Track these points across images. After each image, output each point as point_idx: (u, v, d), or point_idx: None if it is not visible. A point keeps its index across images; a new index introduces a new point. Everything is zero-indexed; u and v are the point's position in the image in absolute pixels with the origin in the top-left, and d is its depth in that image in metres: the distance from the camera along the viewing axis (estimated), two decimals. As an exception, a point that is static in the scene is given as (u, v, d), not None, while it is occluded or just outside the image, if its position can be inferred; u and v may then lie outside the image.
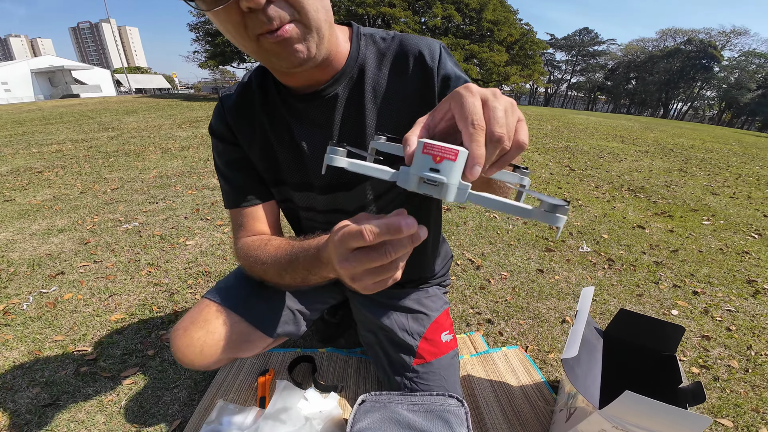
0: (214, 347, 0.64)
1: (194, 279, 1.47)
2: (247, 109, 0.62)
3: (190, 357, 0.62)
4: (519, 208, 0.30)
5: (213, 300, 0.69)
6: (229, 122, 0.63)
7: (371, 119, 0.58)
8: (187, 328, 0.64)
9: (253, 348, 0.70)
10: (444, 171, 0.29)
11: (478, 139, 0.29)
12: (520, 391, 0.96)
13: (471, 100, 0.30)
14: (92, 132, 5.60)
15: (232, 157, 0.65)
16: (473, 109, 0.29)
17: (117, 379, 0.98)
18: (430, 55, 0.56)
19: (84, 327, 1.19)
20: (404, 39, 0.58)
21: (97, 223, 2.02)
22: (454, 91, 0.32)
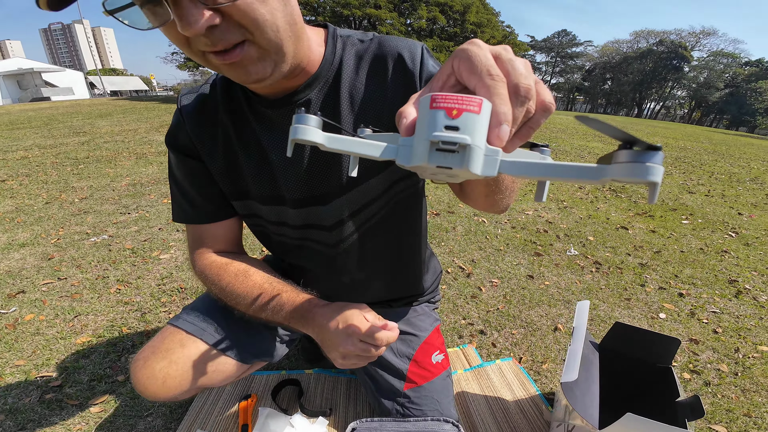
0: (178, 378, 0.58)
1: (168, 296, 1.37)
2: (210, 114, 0.55)
3: (152, 389, 0.57)
4: (582, 169, 0.21)
5: (177, 326, 0.63)
6: (188, 129, 0.56)
7: (348, 126, 0.53)
8: (147, 359, 0.59)
9: (224, 377, 0.65)
10: (465, 128, 0.21)
11: (499, 91, 0.23)
12: (515, 406, 0.92)
13: (481, 52, 0.24)
14: (62, 137, 5.30)
15: (189, 170, 0.59)
16: (487, 61, 0.24)
17: (85, 407, 0.91)
18: (411, 58, 0.51)
19: (47, 351, 1.10)
20: (383, 40, 0.53)
21: (63, 236, 1.88)
22: (456, 49, 0.26)
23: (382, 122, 0.53)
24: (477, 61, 0.24)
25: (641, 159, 0.19)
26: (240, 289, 0.59)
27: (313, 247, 0.64)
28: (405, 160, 0.23)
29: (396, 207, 0.61)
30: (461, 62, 0.25)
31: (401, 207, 0.62)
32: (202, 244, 0.64)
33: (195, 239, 0.64)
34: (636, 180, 0.19)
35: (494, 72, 0.23)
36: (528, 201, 2.76)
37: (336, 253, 0.63)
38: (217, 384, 0.65)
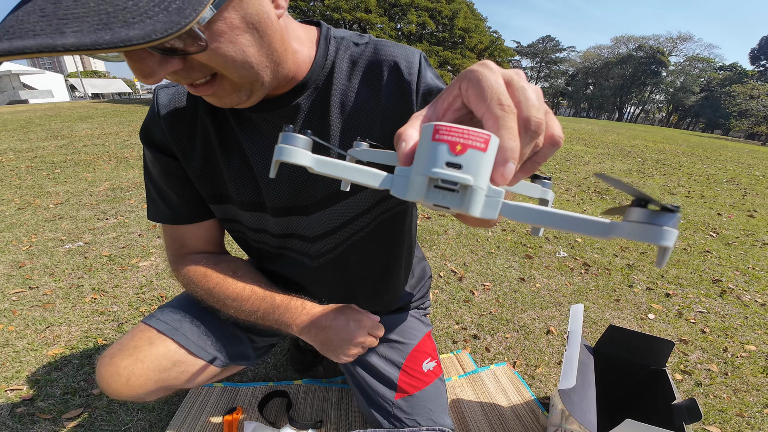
0: (143, 377, 0.56)
1: (147, 305, 1.30)
2: (189, 111, 0.51)
3: (115, 387, 0.55)
4: (591, 224, 0.19)
5: (149, 324, 0.61)
6: (162, 125, 0.51)
7: (337, 134, 0.50)
8: (113, 356, 0.57)
9: (193, 379, 0.62)
10: (469, 166, 0.19)
11: (509, 124, 0.21)
12: (511, 412, 0.91)
13: (492, 77, 0.22)
14: (38, 140, 5.09)
15: (165, 169, 0.54)
16: (498, 88, 0.22)
17: (58, 422, 0.86)
18: (408, 67, 0.48)
19: (17, 363, 1.03)
20: (380, 46, 0.50)
21: (35, 243, 1.78)
22: (465, 70, 0.23)
23: (373, 132, 0.50)
24: (487, 86, 0.22)
25: (656, 221, 0.17)
26: (230, 291, 0.57)
27: (293, 256, 0.61)
28: (400, 192, 0.21)
29: (383, 223, 0.59)
30: (470, 85, 0.23)
31: (388, 223, 0.60)
32: (183, 244, 0.61)
33: (174, 239, 0.61)
34: (648, 241, 0.18)
35: (505, 102, 0.21)
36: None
37: (317, 264, 0.61)
38: (185, 386, 0.62)
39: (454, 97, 0.24)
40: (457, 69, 15.82)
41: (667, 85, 45.68)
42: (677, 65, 45.51)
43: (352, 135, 0.50)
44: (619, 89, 46.52)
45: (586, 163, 4.87)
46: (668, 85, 45.69)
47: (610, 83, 47.06)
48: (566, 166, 4.53)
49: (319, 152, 0.27)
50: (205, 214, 0.59)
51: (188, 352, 0.60)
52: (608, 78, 47.04)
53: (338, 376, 0.99)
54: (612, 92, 47.22)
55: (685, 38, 45.63)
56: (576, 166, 4.58)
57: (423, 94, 0.49)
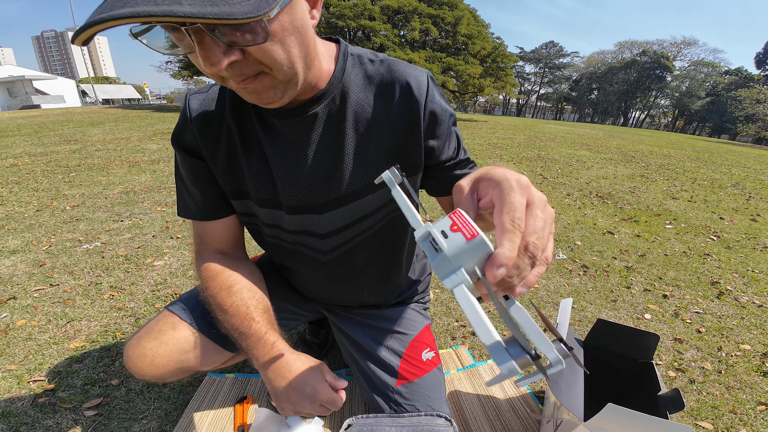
0: (166, 358, 0.62)
1: (162, 302, 1.37)
2: (216, 116, 0.57)
3: (140, 366, 0.61)
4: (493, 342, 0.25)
5: (172, 311, 0.67)
6: (193, 129, 0.57)
7: (350, 143, 0.56)
8: (140, 338, 0.63)
9: (209, 361, 0.68)
10: (451, 242, 0.26)
11: (513, 239, 0.25)
12: (507, 404, 0.95)
13: (517, 196, 0.27)
14: (52, 145, 5.25)
15: (193, 170, 0.60)
16: (517, 206, 0.27)
17: (79, 411, 0.91)
18: (417, 87, 0.54)
19: (39, 355, 1.09)
20: (393, 65, 0.55)
21: (54, 243, 1.87)
22: (502, 177, 0.29)
23: (383, 142, 0.56)
24: (508, 203, 0.27)
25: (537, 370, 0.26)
26: (222, 303, 0.61)
27: (305, 252, 0.66)
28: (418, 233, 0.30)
29: (388, 223, 0.65)
30: (497, 195, 0.28)
31: (395, 222, 0.66)
32: (202, 240, 0.67)
33: (198, 235, 0.67)
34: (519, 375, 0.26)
35: (517, 221, 0.26)
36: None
37: (327, 259, 0.66)
38: (201, 368, 0.67)
39: (484, 191, 0.31)
40: (459, 75, 15.95)
41: (673, 90, 45.53)
42: (682, 70, 45.43)
43: (364, 144, 0.56)
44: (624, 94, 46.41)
45: (588, 168, 4.89)
46: (673, 90, 45.54)
47: (615, 88, 46.99)
48: (569, 171, 4.56)
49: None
50: (224, 212, 0.64)
51: (206, 337, 0.66)
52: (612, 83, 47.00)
53: (343, 368, 1.04)
54: (616, 97, 47.12)
55: (690, 43, 45.57)
56: (578, 171, 4.60)
57: (430, 113, 0.55)
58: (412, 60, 14.38)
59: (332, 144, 0.56)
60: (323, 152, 0.56)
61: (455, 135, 0.61)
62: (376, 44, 15.11)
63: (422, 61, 14.68)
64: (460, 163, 0.62)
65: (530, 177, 4.04)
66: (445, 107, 0.57)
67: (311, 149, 0.56)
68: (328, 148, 0.56)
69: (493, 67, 17.33)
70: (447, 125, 0.58)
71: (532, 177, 4.06)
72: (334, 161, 0.56)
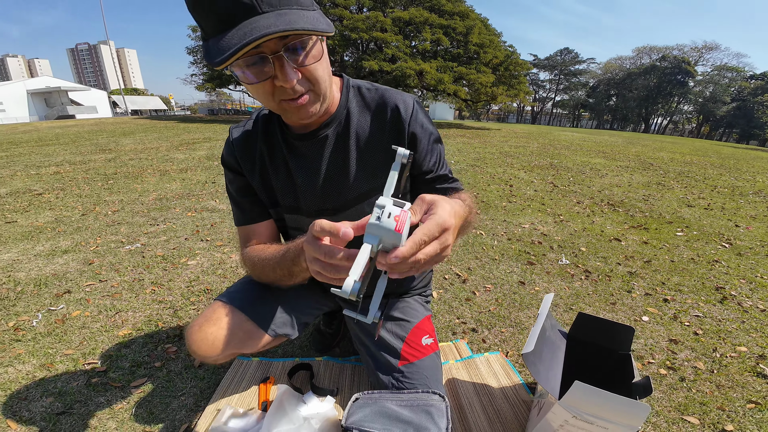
0: (224, 341, 0.75)
1: (196, 296, 1.55)
2: (251, 143, 0.75)
3: (204, 349, 0.73)
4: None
5: (224, 301, 0.80)
6: (235, 154, 0.76)
7: (353, 157, 0.71)
8: (201, 325, 0.75)
9: (254, 344, 0.81)
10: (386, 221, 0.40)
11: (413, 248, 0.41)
12: (500, 393, 1.05)
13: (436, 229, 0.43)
14: (89, 154, 5.69)
15: (238, 185, 0.79)
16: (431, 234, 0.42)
17: (127, 389, 1.05)
18: (405, 109, 0.70)
19: (93, 342, 1.26)
20: (384, 92, 0.72)
21: (100, 244, 2.09)
22: (442, 214, 0.43)
23: (378, 155, 0.71)
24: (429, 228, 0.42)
25: None
26: (265, 253, 0.73)
27: None
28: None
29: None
30: (431, 217, 0.43)
31: None
32: (249, 239, 0.81)
33: (243, 237, 0.82)
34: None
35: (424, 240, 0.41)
36: (525, 214, 2.89)
37: None
38: (248, 350, 0.80)
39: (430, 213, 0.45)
40: (471, 84, 16.01)
41: (696, 96, 43.99)
42: (705, 75, 43.92)
43: (364, 157, 0.72)
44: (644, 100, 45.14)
45: (602, 176, 4.86)
46: (697, 96, 43.99)
47: (634, 94, 45.80)
48: (581, 179, 4.56)
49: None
50: (265, 216, 0.81)
51: (254, 323, 0.80)
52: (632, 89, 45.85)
53: (352, 356, 1.16)
54: (636, 103, 45.88)
55: (711, 47, 44.08)
56: (591, 179, 4.60)
57: (411, 134, 0.70)
58: (423, 70, 14.57)
59: (340, 158, 0.72)
60: (333, 165, 0.73)
61: (437, 152, 0.75)
62: (388, 55, 15.40)
63: (433, 71, 14.82)
64: (440, 177, 0.75)
65: (540, 185, 4.08)
66: (427, 127, 0.72)
67: (324, 163, 0.73)
68: (337, 162, 0.72)
69: (506, 75, 17.29)
70: (427, 142, 0.73)
71: (543, 185, 4.10)
72: (342, 172, 0.72)
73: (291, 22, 0.48)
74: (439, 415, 0.75)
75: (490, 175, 4.58)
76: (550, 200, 3.39)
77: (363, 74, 14.98)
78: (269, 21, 0.48)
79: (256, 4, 0.48)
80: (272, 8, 0.49)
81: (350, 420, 0.74)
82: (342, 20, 15.05)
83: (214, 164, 4.84)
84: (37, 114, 31.64)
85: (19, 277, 1.69)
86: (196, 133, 9.46)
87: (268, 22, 0.47)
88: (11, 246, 2.05)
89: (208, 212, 2.72)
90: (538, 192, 3.72)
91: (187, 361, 1.16)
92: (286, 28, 0.47)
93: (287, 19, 0.49)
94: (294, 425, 0.85)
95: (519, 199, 3.36)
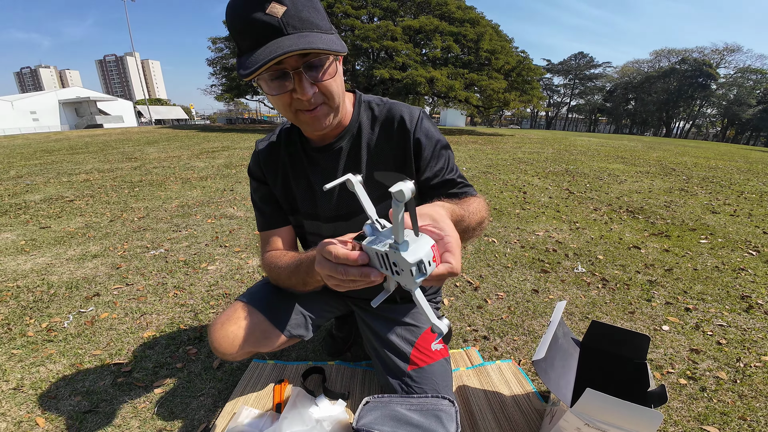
0: (243, 339, 0.79)
1: (216, 300, 1.61)
2: (275, 155, 0.82)
3: (225, 346, 0.78)
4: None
5: (244, 302, 0.85)
6: (261, 164, 0.82)
7: (364, 168, 0.77)
8: (224, 323, 0.80)
9: (271, 344, 0.85)
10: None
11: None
12: (512, 400, 1.04)
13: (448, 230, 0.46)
14: (117, 162, 5.98)
15: (262, 193, 0.85)
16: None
17: (150, 389, 1.10)
18: (410, 120, 0.74)
19: (119, 343, 1.32)
20: (392, 106, 0.77)
21: (127, 249, 2.20)
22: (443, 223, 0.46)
23: (388, 163, 0.76)
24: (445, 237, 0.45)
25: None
26: (282, 261, 0.78)
27: None
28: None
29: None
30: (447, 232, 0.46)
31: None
32: (268, 244, 0.86)
33: (264, 242, 0.87)
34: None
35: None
36: (540, 222, 2.85)
37: None
38: (264, 349, 0.84)
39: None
40: (483, 90, 15.97)
41: (719, 98, 42.34)
42: (728, 77, 42.31)
43: (374, 168, 0.76)
44: (664, 104, 43.77)
45: (621, 182, 4.74)
46: (720, 98, 42.34)
47: (653, 98, 44.50)
48: (598, 185, 4.46)
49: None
50: (285, 222, 0.86)
51: (271, 324, 0.84)
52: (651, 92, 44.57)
53: (363, 361, 1.18)
54: (656, 107, 44.53)
55: (733, 49, 42.45)
56: (609, 185, 4.49)
57: (415, 141, 0.74)
58: (434, 77, 14.64)
59: (353, 168, 0.77)
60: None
61: (444, 158, 0.77)
62: (399, 63, 15.58)
63: (444, 78, 14.87)
64: (446, 182, 0.77)
65: (555, 192, 4.02)
66: (432, 134, 0.76)
67: (339, 173, 0.78)
68: (350, 172, 0.75)
69: (519, 81, 17.17)
70: (432, 149, 0.76)
71: (558, 191, 4.03)
72: None
73: (310, 43, 0.55)
74: (448, 420, 0.76)
75: (503, 181, 4.54)
76: (565, 207, 3.34)
77: (374, 82, 15.18)
78: (292, 41, 0.55)
79: (282, 26, 0.55)
80: (296, 30, 0.56)
81: (361, 422, 0.76)
82: (354, 30, 15.36)
83: (232, 172, 5.00)
84: (67, 123, 33.30)
85: (52, 280, 1.80)
86: (216, 141, 9.80)
87: (290, 42, 0.55)
88: (45, 250, 2.18)
89: (226, 219, 2.82)
90: (553, 199, 3.66)
91: (206, 362, 1.21)
92: (305, 47, 0.54)
93: (307, 40, 0.56)
94: (306, 427, 0.88)
95: (533, 206, 3.32)
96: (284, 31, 0.55)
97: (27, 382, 1.12)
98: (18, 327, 1.41)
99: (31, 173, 5.00)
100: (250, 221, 2.78)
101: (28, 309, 1.54)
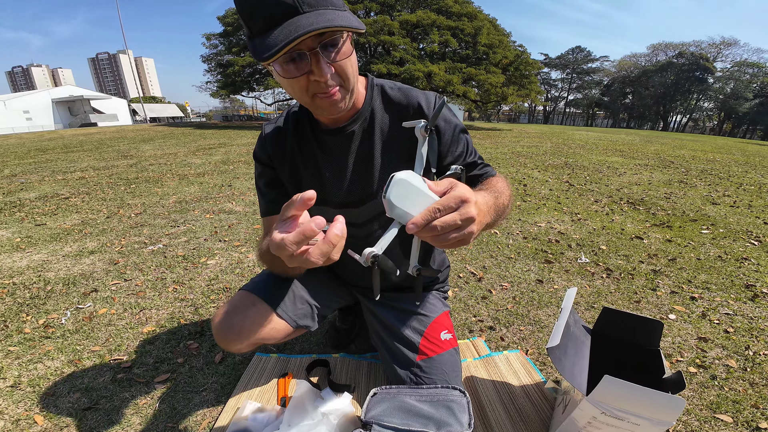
0: (248, 330, 0.76)
1: (216, 295, 1.58)
2: (282, 138, 0.78)
3: (229, 337, 0.74)
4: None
5: (249, 291, 0.82)
6: (267, 148, 0.78)
7: (378, 152, 0.74)
8: (228, 313, 0.77)
9: (276, 335, 0.82)
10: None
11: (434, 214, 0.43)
12: (521, 391, 1.02)
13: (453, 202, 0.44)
14: (112, 160, 5.91)
15: (267, 178, 0.81)
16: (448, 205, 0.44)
17: (151, 385, 1.07)
18: (427, 106, 0.71)
19: (119, 338, 1.29)
20: (408, 91, 0.74)
21: (125, 245, 2.17)
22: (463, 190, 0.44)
23: (404, 149, 0.73)
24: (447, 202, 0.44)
25: None
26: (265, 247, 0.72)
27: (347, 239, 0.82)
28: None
29: None
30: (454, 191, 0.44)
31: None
32: (270, 231, 0.82)
33: (267, 227, 0.83)
34: None
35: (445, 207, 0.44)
36: (541, 213, 2.83)
37: (363, 245, 0.81)
38: (268, 340, 0.81)
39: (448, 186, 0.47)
40: (481, 84, 15.91)
41: (716, 92, 42.51)
42: (725, 71, 42.50)
43: (387, 152, 0.74)
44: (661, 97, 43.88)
45: (620, 175, 4.74)
46: (717, 92, 42.51)
47: (651, 92, 44.58)
48: (598, 178, 4.45)
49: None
50: None
51: (276, 314, 0.81)
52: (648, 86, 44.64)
53: (368, 353, 1.16)
54: (653, 101, 44.64)
55: (730, 43, 42.57)
56: (609, 178, 4.48)
57: (435, 125, 0.70)
58: (432, 72, 14.56)
59: (364, 153, 0.74)
60: (359, 159, 0.75)
61: (463, 142, 0.75)
62: (396, 58, 15.46)
63: (442, 73, 14.79)
64: (468, 165, 0.76)
65: (555, 184, 4.00)
66: (450, 119, 0.73)
67: (351, 158, 0.75)
68: (362, 156, 0.74)
69: (516, 75, 17.10)
70: (451, 133, 0.73)
71: (558, 184, 4.02)
72: (366, 166, 0.74)
73: (330, 21, 0.52)
74: (460, 411, 0.74)
75: (503, 174, 4.53)
76: (566, 199, 3.32)
77: (372, 78, 15.02)
78: (310, 20, 0.51)
79: (298, 5, 0.52)
80: (312, 8, 0.53)
81: (369, 414, 0.74)
82: (351, 25, 15.18)
83: (229, 168, 4.95)
84: (61, 122, 32.81)
85: (48, 277, 1.76)
86: (212, 138, 9.71)
87: (309, 21, 0.51)
88: (41, 247, 2.14)
89: (225, 214, 2.79)
90: (554, 191, 3.65)
91: (208, 357, 1.19)
92: (326, 25, 0.51)
93: (326, 17, 0.52)
94: (313, 421, 0.86)
95: (534, 198, 3.31)
96: (300, 10, 0.52)
97: (24, 380, 1.09)
98: (14, 324, 1.37)
99: (26, 172, 4.93)
100: (249, 216, 2.74)
101: (24, 306, 1.50)
